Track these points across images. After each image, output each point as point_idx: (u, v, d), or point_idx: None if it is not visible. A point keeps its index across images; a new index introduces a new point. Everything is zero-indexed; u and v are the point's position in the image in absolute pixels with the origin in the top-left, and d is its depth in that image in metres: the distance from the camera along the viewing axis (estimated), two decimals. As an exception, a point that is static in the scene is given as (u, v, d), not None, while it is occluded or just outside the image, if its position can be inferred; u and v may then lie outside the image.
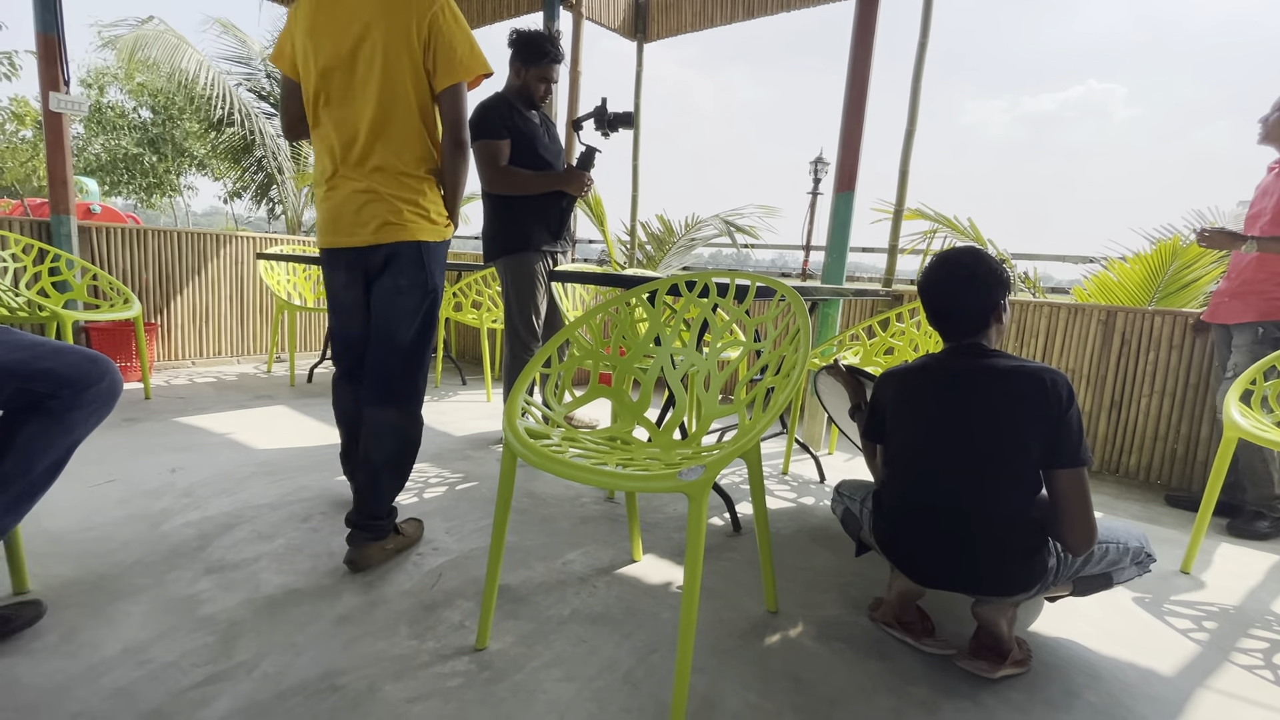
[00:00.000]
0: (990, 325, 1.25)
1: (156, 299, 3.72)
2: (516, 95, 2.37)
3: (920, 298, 1.32)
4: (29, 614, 1.22)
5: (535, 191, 2.35)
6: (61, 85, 3.12)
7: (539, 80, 2.34)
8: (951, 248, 1.34)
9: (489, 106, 2.32)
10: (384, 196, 1.47)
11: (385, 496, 1.57)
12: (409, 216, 1.49)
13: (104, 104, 11.56)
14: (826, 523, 1.99)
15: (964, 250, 1.28)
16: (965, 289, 1.23)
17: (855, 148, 2.69)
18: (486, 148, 2.28)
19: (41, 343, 1.15)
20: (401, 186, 1.48)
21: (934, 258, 1.32)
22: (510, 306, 2.42)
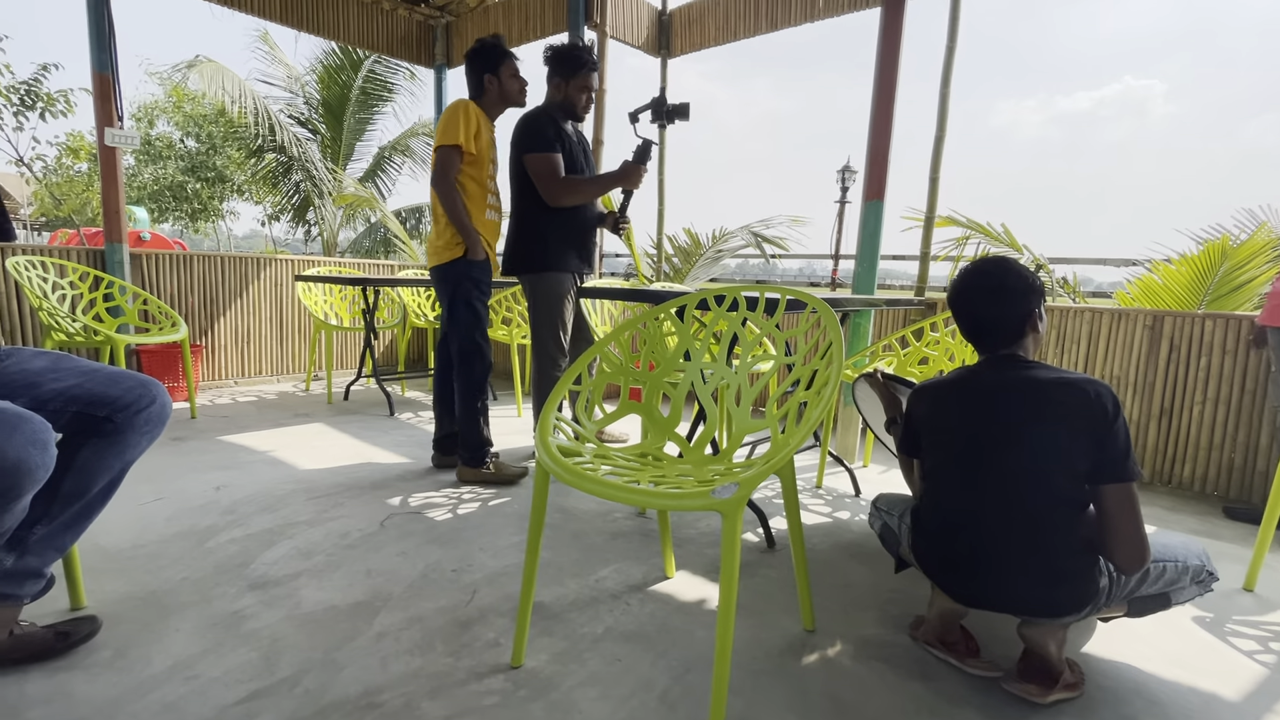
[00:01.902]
0: (1026, 335, 1.22)
1: (201, 321, 3.86)
2: (558, 109, 2.40)
3: (952, 311, 1.29)
4: (85, 629, 1.26)
5: (596, 195, 2.40)
6: (115, 121, 3.29)
7: (580, 90, 2.37)
8: (979, 258, 1.31)
9: (537, 120, 2.32)
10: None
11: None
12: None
13: (153, 136, 12.13)
14: (863, 538, 1.95)
15: (990, 260, 1.25)
16: (995, 300, 1.20)
17: (884, 155, 2.66)
18: (548, 161, 2.28)
19: (98, 368, 1.20)
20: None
21: (961, 270, 1.29)
22: (538, 323, 2.45)
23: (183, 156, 12.31)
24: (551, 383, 2.44)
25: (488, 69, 2.23)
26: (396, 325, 4.12)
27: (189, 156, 12.31)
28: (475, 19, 4.42)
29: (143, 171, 12.24)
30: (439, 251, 2.24)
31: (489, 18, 4.33)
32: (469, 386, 2.30)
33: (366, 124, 9.28)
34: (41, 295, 2.88)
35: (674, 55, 4.17)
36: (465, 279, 2.24)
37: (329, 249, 9.34)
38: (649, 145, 2.31)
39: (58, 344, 2.82)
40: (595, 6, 3.62)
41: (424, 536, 1.84)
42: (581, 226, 2.42)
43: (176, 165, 12.22)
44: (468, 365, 2.30)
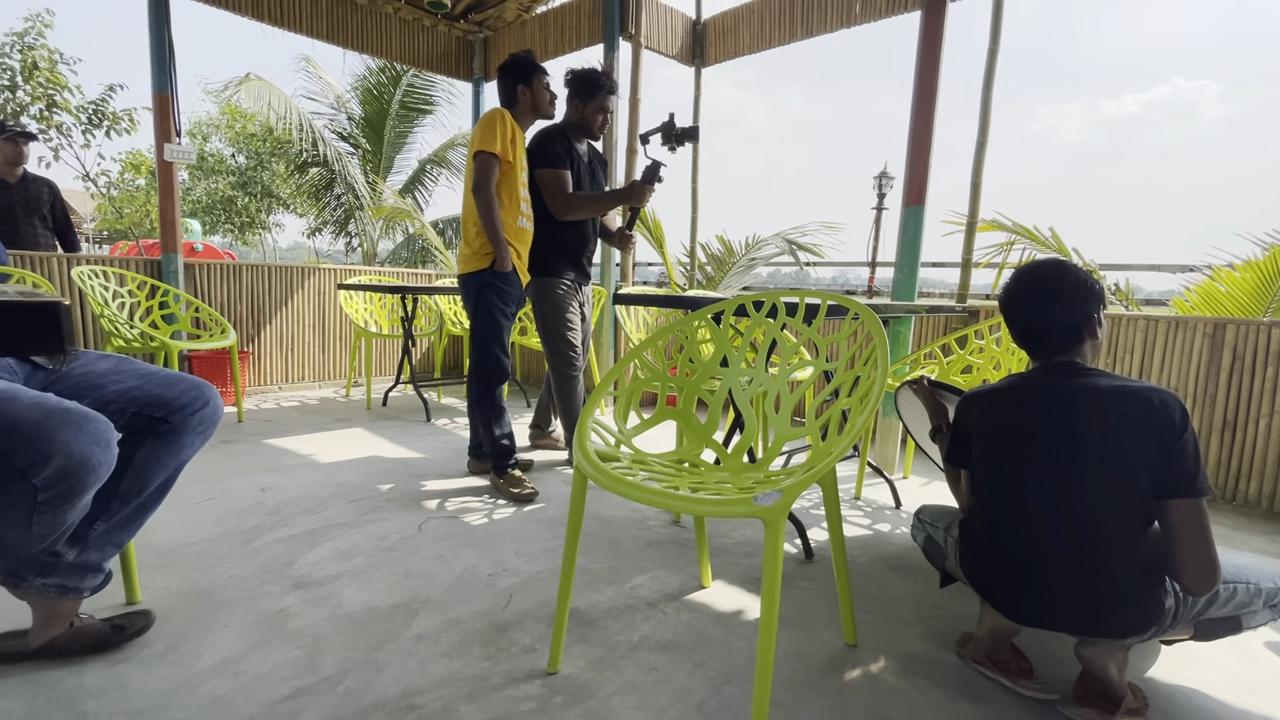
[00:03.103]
0: (1084, 341, 1.17)
1: (249, 328, 4.00)
2: (573, 128, 2.50)
3: (1004, 316, 1.25)
4: (140, 623, 1.31)
5: (602, 211, 2.49)
6: (173, 137, 3.44)
7: (597, 112, 2.47)
8: (1033, 260, 1.26)
9: (550, 136, 2.43)
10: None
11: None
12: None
13: (207, 152, 12.69)
14: (905, 551, 1.89)
15: (1047, 262, 1.21)
16: (1052, 304, 1.16)
17: (924, 161, 2.61)
18: (557, 176, 2.39)
19: (156, 371, 1.25)
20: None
21: (1015, 272, 1.24)
22: (546, 328, 2.53)
23: (233, 171, 12.84)
24: (570, 382, 2.51)
25: (522, 80, 2.31)
26: (434, 333, 4.20)
27: (239, 171, 12.83)
28: (512, 33, 4.51)
29: (196, 186, 12.81)
30: (467, 260, 2.28)
31: (526, 31, 4.41)
32: (481, 395, 2.34)
33: (405, 137, 9.53)
34: (103, 303, 3.02)
35: (708, 65, 4.18)
36: (490, 288, 2.26)
37: (369, 259, 9.59)
38: (657, 166, 2.41)
39: (117, 349, 2.95)
40: (630, 18, 3.65)
41: (460, 540, 1.86)
42: (582, 239, 2.53)
43: (227, 180, 12.75)
44: (481, 374, 2.33)
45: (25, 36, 6.02)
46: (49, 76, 5.91)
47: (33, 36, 6.04)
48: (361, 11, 4.14)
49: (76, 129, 6.03)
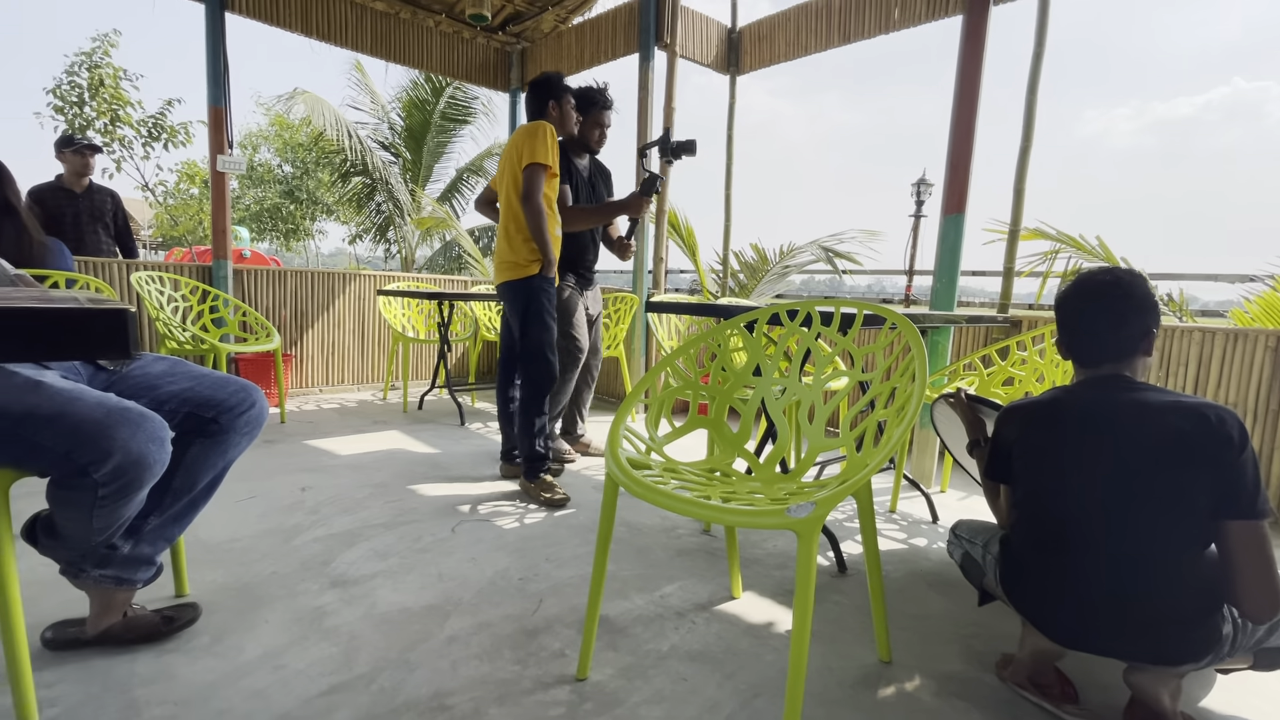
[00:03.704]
0: (1137, 355, 1.12)
1: (292, 332, 4.13)
2: (573, 143, 2.63)
3: (1058, 321, 1.21)
4: (187, 615, 1.36)
5: (601, 222, 2.61)
6: (226, 149, 3.59)
7: (593, 127, 2.61)
8: (1098, 267, 1.22)
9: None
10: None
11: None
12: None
13: (256, 162, 13.23)
14: (942, 567, 1.84)
15: (1113, 269, 1.17)
16: (1113, 313, 1.12)
17: (965, 168, 2.55)
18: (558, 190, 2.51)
19: (207, 373, 1.30)
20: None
21: (1076, 277, 1.20)
22: (560, 329, 2.63)
23: (280, 180, 13.33)
24: (579, 373, 2.72)
25: (552, 96, 2.39)
26: (468, 338, 4.27)
27: (285, 180, 13.32)
28: (549, 44, 4.58)
29: (246, 194, 13.34)
30: (515, 267, 2.31)
31: (562, 43, 4.48)
32: (534, 400, 2.35)
33: (444, 147, 9.75)
34: (159, 307, 3.16)
35: (743, 72, 4.17)
36: (541, 294, 2.31)
37: (407, 265, 9.83)
38: (655, 179, 2.51)
39: (170, 351, 3.08)
40: (665, 28, 3.68)
41: (492, 544, 1.88)
42: (580, 248, 2.67)
43: (275, 189, 13.24)
44: (535, 379, 2.34)
45: (93, 55, 6.37)
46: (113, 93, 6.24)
47: (99, 55, 6.39)
48: (405, 25, 4.26)
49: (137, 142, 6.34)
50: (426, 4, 4.21)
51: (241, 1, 3.57)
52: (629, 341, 3.89)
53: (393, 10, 4.17)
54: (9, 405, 1.01)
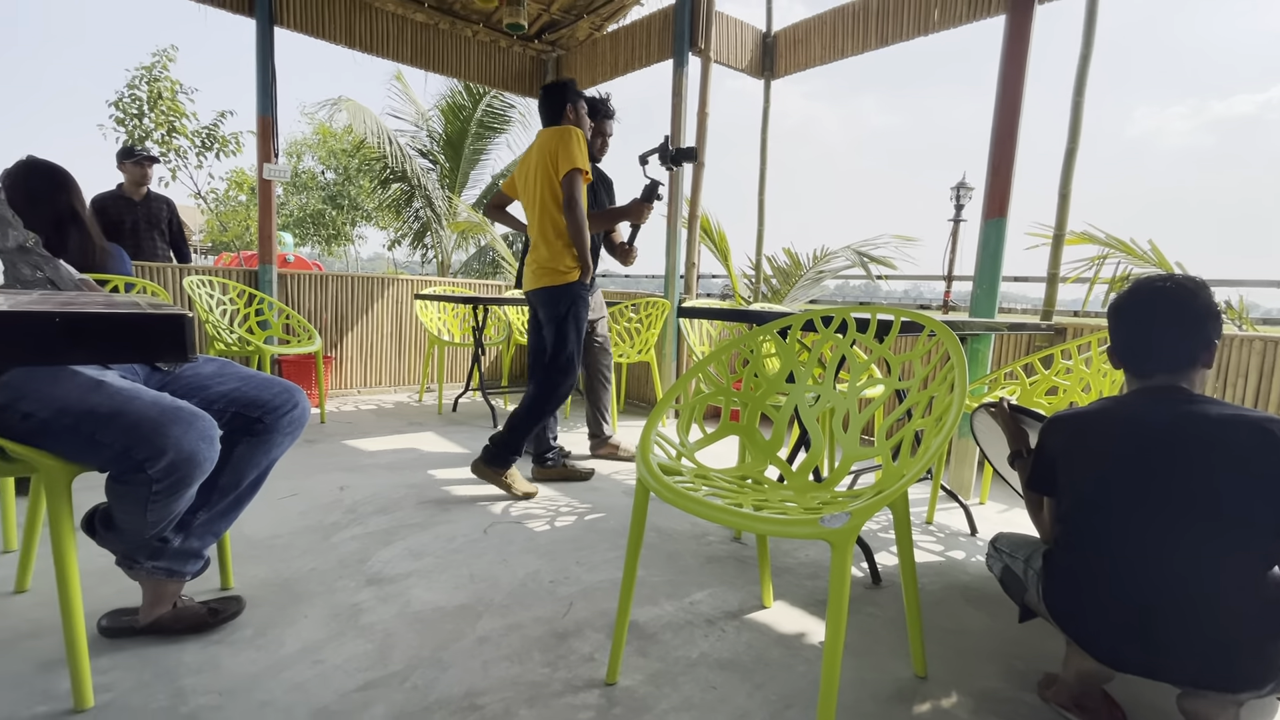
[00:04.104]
0: (1196, 367, 1.08)
1: (332, 334, 4.25)
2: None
3: (1112, 329, 1.16)
4: (233, 608, 1.41)
5: (603, 228, 2.64)
6: (272, 157, 3.73)
7: (596, 135, 2.64)
8: (1157, 273, 1.17)
9: None
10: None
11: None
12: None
13: (300, 169, 13.68)
14: (981, 581, 1.79)
15: (1173, 276, 1.12)
16: (1172, 322, 1.07)
17: (1007, 171, 2.48)
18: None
19: (253, 374, 1.35)
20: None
21: (1132, 283, 1.16)
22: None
23: (323, 187, 13.75)
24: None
25: (569, 99, 2.39)
26: (502, 342, 4.33)
27: (328, 187, 13.73)
28: (584, 51, 4.63)
29: (290, 200, 13.79)
30: (555, 273, 2.31)
31: (597, 50, 4.52)
32: (547, 402, 2.37)
33: (480, 154, 9.93)
34: (208, 309, 3.29)
35: (777, 76, 4.15)
36: (579, 301, 2.33)
37: (443, 270, 10.02)
38: (656, 185, 2.56)
39: (218, 352, 3.20)
40: (700, 33, 3.68)
41: (523, 546, 1.90)
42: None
43: (317, 195, 13.66)
44: (558, 384, 2.36)
45: (152, 70, 6.69)
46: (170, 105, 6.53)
47: (158, 69, 6.70)
48: (443, 36, 4.36)
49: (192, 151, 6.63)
50: (464, 14, 4.30)
51: (289, 16, 3.71)
52: (660, 347, 3.89)
53: (432, 21, 4.27)
54: (73, 403, 1.06)
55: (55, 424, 1.06)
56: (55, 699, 1.13)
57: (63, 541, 1.08)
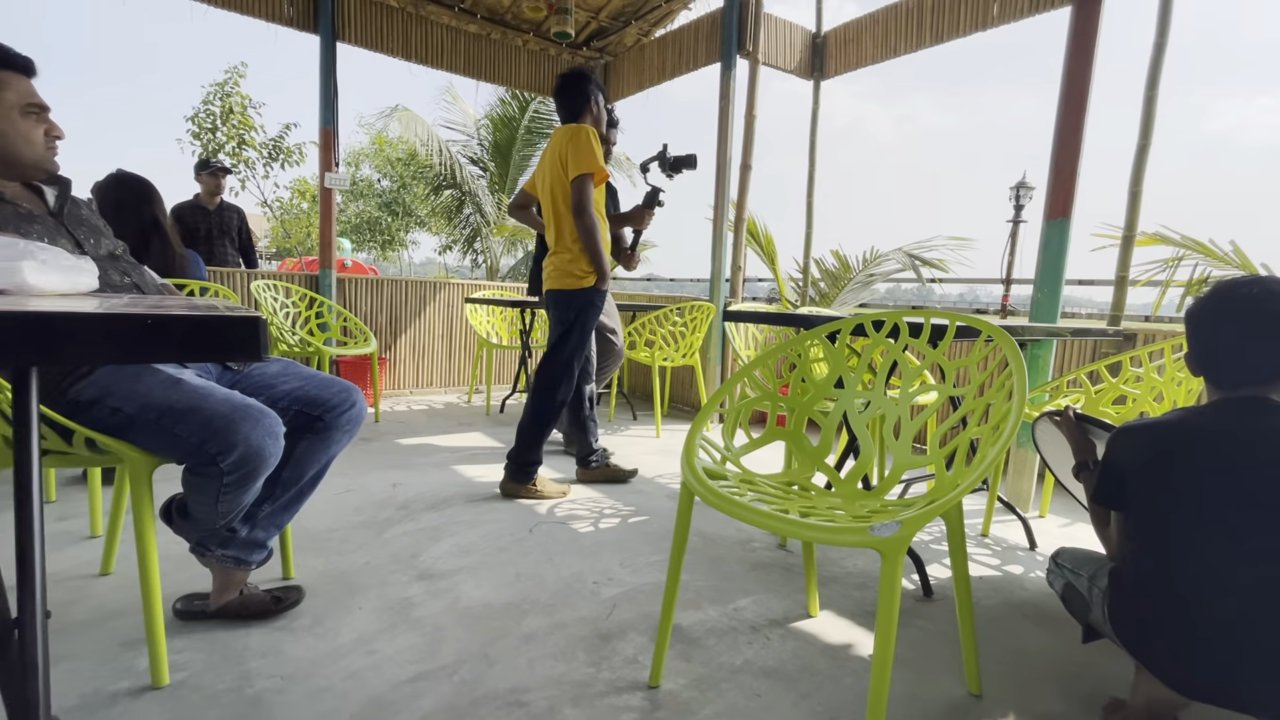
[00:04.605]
0: None
1: (387, 336, 4.40)
2: None
3: (1191, 335, 1.09)
4: (293, 597, 1.47)
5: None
6: (333, 167, 3.90)
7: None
8: (1242, 277, 1.09)
9: None
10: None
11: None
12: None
13: (358, 178, 14.25)
14: (1040, 598, 1.71)
15: (1261, 279, 1.03)
16: (1261, 329, 1.00)
17: (1072, 169, 2.37)
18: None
19: (315, 374, 1.41)
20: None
21: (1215, 287, 1.08)
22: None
23: (379, 194, 14.28)
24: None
25: (592, 93, 2.31)
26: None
27: (384, 194, 14.25)
28: (631, 57, 4.67)
29: (348, 207, 14.37)
30: (570, 277, 2.26)
31: (644, 55, 4.55)
32: (551, 409, 2.33)
33: (529, 160, 10.13)
34: (273, 312, 3.46)
35: (827, 77, 4.08)
36: (592, 306, 2.29)
37: (492, 274, 10.25)
38: (657, 192, 2.61)
39: (280, 353, 3.36)
40: (748, 36, 3.66)
41: (568, 546, 1.92)
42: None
43: (374, 202, 14.19)
44: (557, 388, 2.32)
45: (225, 86, 7.09)
46: (241, 119, 6.91)
47: (230, 85, 7.10)
48: (495, 45, 4.47)
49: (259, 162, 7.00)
50: (515, 24, 4.40)
51: (350, 31, 3.87)
52: (705, 351, 3.88)
53: (484, 32, 4.39)
54: (155, 399, 1.14)
55: (139, 419, 1.14)
56: (135, 675, 1.21)
57: (144, 529, 1.16)
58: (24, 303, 0.52)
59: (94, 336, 0.43)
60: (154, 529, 1.18)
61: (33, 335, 0.42)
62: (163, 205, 2.36)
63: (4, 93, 1.10)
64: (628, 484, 2.59)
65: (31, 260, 0.63)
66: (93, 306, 0.50)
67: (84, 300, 0.65)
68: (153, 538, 1.17)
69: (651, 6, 4.24)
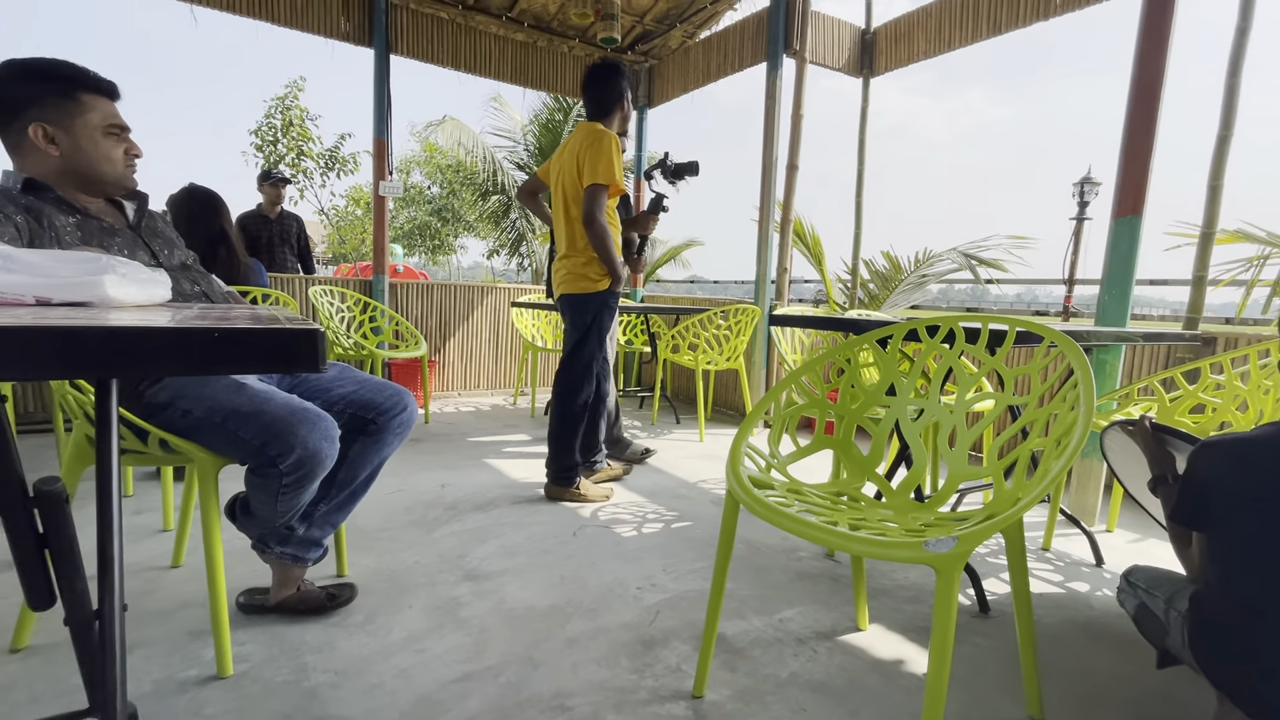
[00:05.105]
0: None
1: (436, 340, 4.52)
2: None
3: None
4: (347, 594, 1.52)
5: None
6: (387, 175, 4.03)
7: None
8: None
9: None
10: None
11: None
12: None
13: (409, 185, 14.72)
14: (1109, 617, 1.62)
15: None
16: None
17: (1143, 164, 2.24)
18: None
19: (368, 378, 1.46)
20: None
21: None
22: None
23: (429, 200, 14.70)
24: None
25: (625, 90, 2.30)
26: (592, 348, 4.43)
27: (434, 200, 14.67)
28: (676, 60, 4.67)
29: (400, 214, 14.85)
30: (587, 280, 2.29)
31: (689, 58, 4.54)
32: (576, 411, 2.37)
33: (573, 164, 10.24)
34: (329, 317, 3.59)
35: (877, 74, 3.98)
36: (606, 310, 2.32)
37: (537, 278, 10.40)
38: (660, 199, 2.67)
39: (335, 357, 3.49)
40: (795, 35, 3.60)
41: (611, 551, 1.92)
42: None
43: (424, 208, 14.62)
44: (579, 391, 2.36)
45: (285, 100, 7.43)
46: (300, 131, 7.22)
47: (290, 99, 7.43)
48: (541, 53, 4.54)
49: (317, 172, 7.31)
50: (561, 31, 4.46)
51: (403, 44, 4.00)
52: (749, 354, 3.83)
53: (531, 39, 4.46)
54: (221, 403, 1.19)
55: (207, 421, 1.20)
56: (202, 665, 1.27)
57: (211, 526, 1.22)
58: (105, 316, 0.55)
59: (167, 349, 0.46)
60: (219, 526, 1.24)
61: (114, 348, 0.45)
62: (229, 217, 2.49)
63: (89, 114, 1.18)
64: (669, 489, 2.58)
65: (112, 274, 0.67)
66: (165, 320, 0.52)
67: (158, 312, 0.68)
68: (218, 534, 1.23)
69: (697, 8, 4.22)
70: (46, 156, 1.16)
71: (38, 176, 1.16)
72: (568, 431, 2.38)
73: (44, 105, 1.14)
